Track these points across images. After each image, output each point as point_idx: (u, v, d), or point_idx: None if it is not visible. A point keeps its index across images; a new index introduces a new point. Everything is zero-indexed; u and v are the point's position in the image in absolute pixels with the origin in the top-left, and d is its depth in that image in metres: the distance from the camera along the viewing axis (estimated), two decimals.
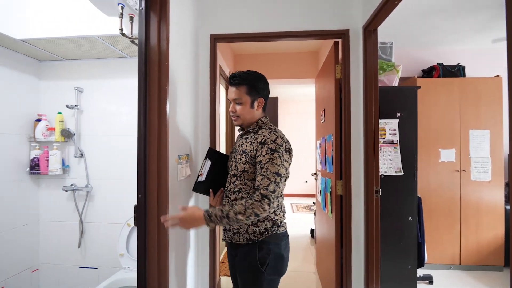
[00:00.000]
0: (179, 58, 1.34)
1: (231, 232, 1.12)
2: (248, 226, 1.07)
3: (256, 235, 1.06)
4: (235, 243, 1.13)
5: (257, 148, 1.05)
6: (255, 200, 0.96)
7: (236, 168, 1.12)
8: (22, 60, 2.03)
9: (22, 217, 2.03)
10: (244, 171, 1.08)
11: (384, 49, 2.03)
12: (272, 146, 1.02)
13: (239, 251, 1.11)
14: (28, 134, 2.08)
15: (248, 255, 1.07)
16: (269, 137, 1.05)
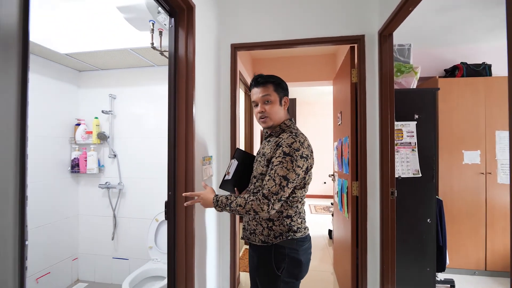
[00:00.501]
0: (203, 67, 1.46)
1: (248, 232, 1.15)
2: (263, 228, 1.09)
3: (270, 238, 1.08)
4: (252, 244, 1.15)
5: (274, 149, 1.06)
6: (256, 198, 1.00)
7: (256, 170, 1.14)
8: (64, 71, 2.28)
9: (64, 211, 2.28)
10: (262, 174, 1.09)
11: (402, 51, 2.03)
12: (286, 149, 1.02)
13: (256, 253, 1.13)
14: (69, 137, 2.32)
15: (265, 258, 1.09)
16: (286, 140, 1.04)
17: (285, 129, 1.14)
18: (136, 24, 1.59)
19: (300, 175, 1.04)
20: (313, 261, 2.78)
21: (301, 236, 1.10)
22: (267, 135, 1.21)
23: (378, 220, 1.59)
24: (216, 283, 1.71)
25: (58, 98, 2.23)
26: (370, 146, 1.63)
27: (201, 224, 1.44)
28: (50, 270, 2.12)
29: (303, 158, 1.04)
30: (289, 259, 1.06)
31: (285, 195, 1.02)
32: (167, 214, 1.25)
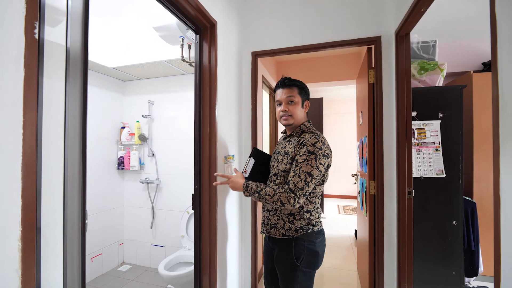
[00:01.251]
0: (225, 75, 1.63)
1: (269, 226, 1.22)
2: (284, 223, 1.17)
3: (291, 232, 1.16)
4: (272, 237, 1.23)
5: (298, 148, 1.14)
6: (284, 190, 1.07)
7: (278, 168, 1.20)
8: (111, 81, 2.65)
9: (112, 202, 2.65)
10: (285, 171, 1.17)
11: (426, 48, 1.98)
12: (310, 148, 1.10)
13: (277, 245, 1.21)
14: (116, 138, 2.69)
15: (285, 250, 1.17)
16: (310, 140, 1.12)
17: (306, 130, 1.23)
18: (169, 40, 1.82)
19: (322, 172, 1.13)
20: (337, 260, 2.83)
21: (318, 229, 1.20)
22: (286, 136, 1.30)
23: (395, 219, 1.61)
24: (238, 272, 1.87)
25: (107, 105, 2.61)
26: (387, 146, 1.65)
27: (224, 215, 1.61)
28: (102, 252, 2.49)
29: (325, 156, 1.13)
30: (307, 251, 1.15)
31: (309, 190, 1.10)
32: (194, 205, 1.44)
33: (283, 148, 1.25)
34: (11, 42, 0.52)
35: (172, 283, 1.84)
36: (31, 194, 0.55)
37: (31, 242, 0.55)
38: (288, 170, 1.16)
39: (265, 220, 1.27)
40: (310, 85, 3.44)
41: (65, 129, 0.86)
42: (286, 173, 1.17)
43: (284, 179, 1.18)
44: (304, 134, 1.20)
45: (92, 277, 2.37)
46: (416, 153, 1.83)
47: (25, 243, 0.53)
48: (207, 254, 1.43)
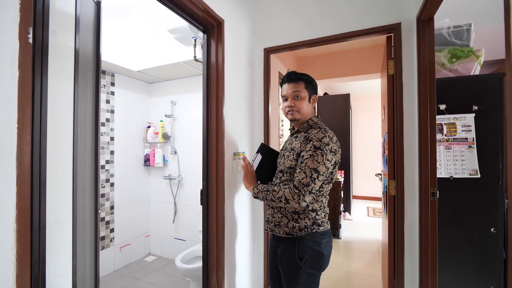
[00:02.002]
0: (233, 73, 1.64)
1: (273, 224, 1.20)
2: (288, 221, 1.14)
3: (295, 231, 1.12)
4: (276, 235, 1.20)
5: (305, 144, 1.10)
6: (288, 187, 1.05)
7: (284, 164, 1.17)
8: (139, 84, 2.83)
9: (140, 197, 2.84)
10: (291, 167, 1.13)
11: (458, 34, 1.77)
12: (316, 143, 1.05)
13: (280, 244, 1.18)
14: (143, 137, 2.88)
15: (288, 249, 1.13)
16: (316, 135, 1.08)
17: (313, 125, 1.19)
18: (183, 41, 1.89)
19: (329, 168, 1.09)
20: (361, 265, 2.67)
21: (323, 230, 1.14)
22: (294, 131, 1.26)
23: (416, 223, 1.46)
24: (250, 271, 1.87)
25: (136, 106, 2.80)
26: (408, 142, 1.51)
27: (233, 211, 1.63)
28: (130, 242, 2.69)
29: (332, 152, 1.08)
30: (312, 251, 1.11)
31: (316, 188, 1.05)
32: (202, 200, 1.48)
33: (290, 144, 1.22)
34: (6, 46, 0.58)
35: (187, 275, 1.91)
36: (25, 182, 0.61)
37: (25, 224, 0.61)
38: (294, 166, 1.13)
39: (269, 218, 1.25)
40: (334, 80, 3.31)
41: (74, 126, 0.94)
42: (292, 170, 1.14)
43: (290, 176, 1.15)
44: (311, 130, 1.15)
45: (120, 265, 2.57)
46: (445, 150, 1.64)
47: (20, 224, 0.60)
48: (215, 250, 1.45)
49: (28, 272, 0.62)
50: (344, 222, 4.04)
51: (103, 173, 2.43)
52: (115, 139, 2.56)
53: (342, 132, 4.53)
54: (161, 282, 2.34)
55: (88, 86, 1.09)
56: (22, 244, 0.60)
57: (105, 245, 2.43)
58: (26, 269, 0.62)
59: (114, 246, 2.51)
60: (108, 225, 2.47)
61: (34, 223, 0.65)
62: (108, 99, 2.51)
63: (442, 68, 1.78)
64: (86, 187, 1.08)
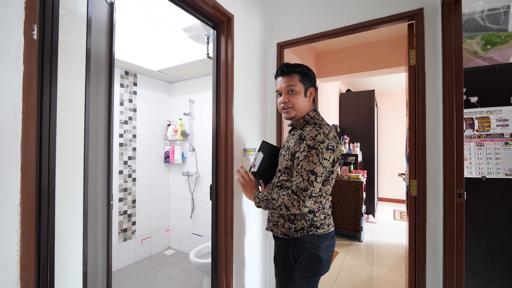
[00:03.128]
0: (244, 69, 1.63)
1: (272, 223, 1.15)
2: (284, 221, 1.09)
3: (291, 232, 1.07)
4: (275, 235, 1.16)
5: (299, 143, 1.03)
6: (287, 193, 0.99)
7: (281, 164, 1.12)
8: (160, 84, 2.95)
9: (161, 192, 2.95)
10: (287, 168, 1.08)
11: (495, 17, 1.58)
12: (310, 142, 0.98)
13: (277, 243, 1.15)
14: (163, 135, 2.99)
15: (283, 250, 1.09)
16: (309, 133, 1.00)
17: (309, 121, 1.11)
18: (197, 39, 1.92)
19: (327, 168, 1.01)
20: (383, 270, 2.52)
21: (323, 233, 1.07)
22: (291, 129, 1.19)
23: (440, 226, 1.33)
24: (261, 269, 1.85)
25: (157, 105, 2.92)
26: (431, 138, 1.38)
27: (242, 208, 1.62)
28: (150, 235, 2.81)
29: (329, 150, 1.00)
30: (308, 254, 1.05)
31: (316, 191, 0.98)
32: (211, 195, 1.49)
33: (287, 142, 1.15)
34: (11, 42, 0.63)
35: (200, 270, 1.94)
36: (30, 169, 0.65)
37: (30, 208, 0.65)
38: (290, 166, 1.07)
39: (269, 217, 1.20)
40: (356, 75, 3.16)
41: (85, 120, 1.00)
42: (288, 170, 1.08)
43: (287, 176, 1.09)
44: (307, 126, 1.07)
45: (141, 256, 2.69)
46: (477, 147, 1.48)
47: (24, 208, 0.64)
48: (223, 246, 1.45)
49: (33, 254, 0.66)
50: (367, 225, 3.84)
51: (126, 168, 2.57)
52: (137, 137, 2.69)
53: (366, 130, 4.32)
54: (178, 275, 2.41)
55: (101, 84, 1.15)
56: (26, 227, 0.64)
57: (127, 237, 2.56)
58: (30, 251, 0.65)
59: (135, 238, 2.64)
60: (130, 218, 2.60)
61: (42, 209, 0.69)
62: (131, 98, 2.64)
63: (474, 56, 1.61)
64: (99, 179, 1.14)
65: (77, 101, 0.96)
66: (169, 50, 2.41)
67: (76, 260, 0.94)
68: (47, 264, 0.75)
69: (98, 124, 1.11)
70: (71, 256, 0.91)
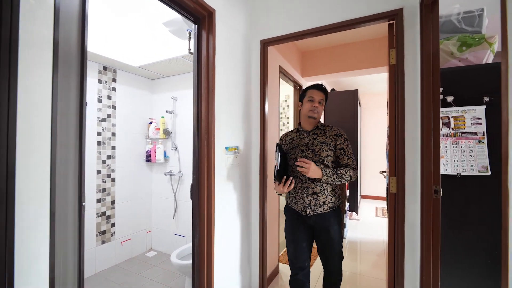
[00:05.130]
0: (226, 66, 1.60)
1: (317, 205, 1.43)
2: (331, 197, 1.46)
3: (335, 203, 1.48)
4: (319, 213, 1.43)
5: (335, 139, 1.46)
6: (351, 168, 1.45)
7: (318, 155, 1.43)
8: (140, 80, 2.85)
9: (142, 192, 2.86)
10: (327, 156, 1.44)
11: (469, 20, 1.64)
12: (345, 136, 1.50)
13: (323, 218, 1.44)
14: (145, 133, 2.89)
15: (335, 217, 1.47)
16: (338, 131, 1.49)
17: (325, 125, 1.54)
18: (179, 34, 1.86)
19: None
20: (365, 266, 2.57)
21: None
22: (310, 131, 1.51)
23: (418, 222, 1.37)
24: (241, 269, 1.83)
25: (138, 102, 2.82)
26: (410, 137, 1.41)
27: (224, 207, 1.59)
28: (131, 237, 2.71)
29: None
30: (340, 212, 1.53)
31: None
32: (192, 194, 1.45)
33: (314, 140, 1.48)
34: None
35: (182, 271, 1.89)
36: None
37: None
38: (330, 155, 1.45)
39: (310, 202, 1.43)
40: (339, 75, 3.20)
41: (52, 118, 0.93)
42: (328, 157, 1.44)
43: (323, 164, 1.43)
44: (326, 128, 1.52)
45: (121, 259, 2.59)
46: (452, 145, 1.53)
47: None
48: (204, 247, 1.42)
49: None
50: (350, 222, 3.91)
51: (104, 168, 2.46)
52: (117, 135, 2.58)
53: (350, 129, 4.39)
54: (159, 277, 2.34)
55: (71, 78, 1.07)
56: None
57: (106, 239, 2.46)
58: None
59: (115, 240, 2.54)
60: (109, 219, 2.49)
61: None
62: (110, 95, 2.53)
63: (450, 57, 1.66)
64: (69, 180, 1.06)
65: (43, 96, 0.89)
66: (150, 46, 2.33)
67: (41, 266, 0.87)
68: (5, 270, 0.69)
69: (68, 121, 1.04)
70: (35, 262, 0.84)
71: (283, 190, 1.40)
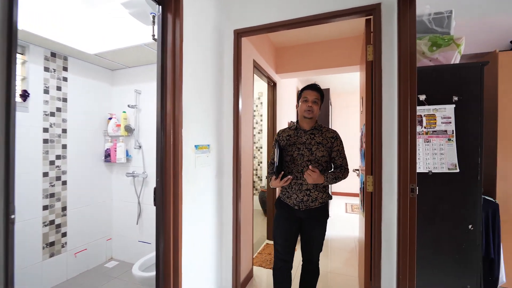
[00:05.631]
0: (196, 56, 1.44)
1: (309, 201, 1.50)
2: (322, 194, 1.53)
3: (325, 199, 1.55)
4: (310, 208, 1.51)
5: (331, 141, 1.54)
6: (345, 170, 1.55)
7: (314, 155, 1.51)
8: (98, 70, 2.53)
9: (100, 196, 2.55)
10: (323, 156, 1.51)
11: (439, 21, 1.68)
12: (340, 139, 1.58)
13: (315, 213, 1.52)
14: (103, 130, 2.58)
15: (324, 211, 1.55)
16: (334, 133, 1.57)
17: (322, 126, 1.61)
18: (141, 18, 1.65)
19: None
20: (337, 264, 2.58)
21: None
22: (308, 130, 1.57)
23: (394, 220, 1.35)
24: (215, 275, 1.69)
25: (95, 95, 2.50)
26: (387, 135, 1.39)
27: (193, 211, 1.43)
28: (87, 247, 2.40)
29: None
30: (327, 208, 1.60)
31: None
32: (156, 200, 1.27)
33: (311, 139, 1.54)
34: None
35: (145, 284, 1.69)
36: None
37: None
38: (325, 155, 1.52)
39: (303, 198, 1.50)
40: (312, 72, 3.18)
41: None
42: (323, 158, 1.52)
43: (317, 163, 1.51)
44: (323, 129, 1.59)
45: (75, 273, 2.28)
46: (424, 143, 1.55)
47: None
48: (170, 257, 1.25)
49: None
50: None
51: (53, 170, 2.13)
52: (68, 132, 2.25)
53: None
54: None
55: None
56: None
57: (55, 252, 2.14)
58: None
59: (67, 252, 2.22)
60: (59, 228, 2.17)
61: None
62: (60, 85, 2.20)
63: (422, 56, 1.69)
64: None
65: None
66: (109, 31, 2.06)
67: None
68: None
69: None
70: None
71: (280, 185, 1.48)
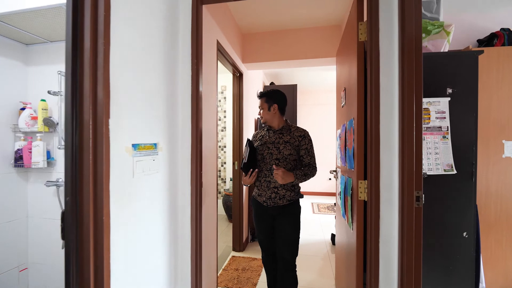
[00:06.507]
0: (136, 20, 1.00)
1: (277, 198, 1.56)
2: (291, 192, 1.57)
3: (294, 196, 1.59)
4: (278, 205, 1.58)
5: (299, 140, 1.58)
6: (313, 168, 1.57)
7: (281, 153, 1.56)
8: (6, 44, 1.86)
9: (9, 213, 1.89)
10: (290, 154, 1.55)
11: (428, 5, 1.51)
12: (309, 138, 1.62)
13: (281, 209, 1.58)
14: (13, 124, 1.92)
15: (294, 208, 1.60)
16: (303, 132, 1.61)
17: (290, 126, 1.65)
18: None
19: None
20: (311, 274, 2.33)
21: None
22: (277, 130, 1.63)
23: (396, 237, 1.11)
24: None
25: (1, 78, 1.82)
26: (385, 132, 1.14)
27: (129, 241, 1.00)
28: None
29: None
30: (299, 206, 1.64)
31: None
32: (64, 231, 0.81)
33: (279, 138, 1.60)
34: None
35: None
36: None
37: None
38: (292, 153, 1.56)
39: (271, 196, 1.57)
40: (280, 63, 2.90)
41: None
42: (291, 156, 1.56)
43: (287, 160, 1.55)
44: (292, 129, 1.63)
45: None
46: None
47: None
48: None
49: None
50: None
51: None
52: None
53: None
54: None
55: None
56: None
57: None
58: None
59: None
60: None
61: None
62: None
63: None
64: None
65: None
66: None
67: None
68: None
69: None
70: None
71: (249, 181, 1.58)
